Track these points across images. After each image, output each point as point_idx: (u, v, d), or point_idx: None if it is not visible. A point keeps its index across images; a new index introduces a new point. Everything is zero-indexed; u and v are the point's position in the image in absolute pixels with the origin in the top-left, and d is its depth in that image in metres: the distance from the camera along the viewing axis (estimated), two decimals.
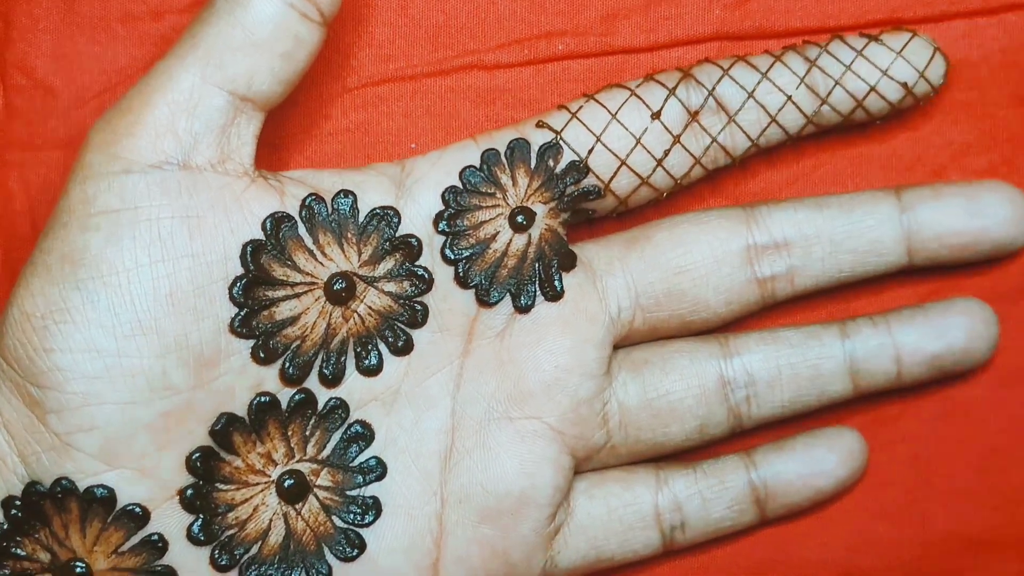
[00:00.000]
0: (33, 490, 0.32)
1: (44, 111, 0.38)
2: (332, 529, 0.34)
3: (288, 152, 0.39)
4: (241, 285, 0.33)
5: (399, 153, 0.39)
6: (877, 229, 0.37)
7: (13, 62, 0.38)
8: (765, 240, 0.37)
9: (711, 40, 0.39)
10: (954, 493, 0.40)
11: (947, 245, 0.37)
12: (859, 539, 0.40)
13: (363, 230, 0.35)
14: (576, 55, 0.39)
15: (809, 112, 0.37)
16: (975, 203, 0.37)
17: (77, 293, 0.32)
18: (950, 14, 0.40)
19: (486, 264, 0.36)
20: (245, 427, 0.34)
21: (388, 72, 0.39)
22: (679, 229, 0.37)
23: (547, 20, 0.39)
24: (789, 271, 0.37)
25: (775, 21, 0.39)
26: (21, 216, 0.38)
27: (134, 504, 0.33)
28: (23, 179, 0.38)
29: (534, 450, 0.35)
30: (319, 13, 0.34)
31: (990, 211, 0.37)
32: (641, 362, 0.37)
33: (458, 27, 0.39)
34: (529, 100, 0.39)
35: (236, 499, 0.34)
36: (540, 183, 0.36)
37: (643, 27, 0.39)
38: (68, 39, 0.38)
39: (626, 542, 0.37)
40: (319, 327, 0.34)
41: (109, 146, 0.33)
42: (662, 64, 0.39)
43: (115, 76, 0.38)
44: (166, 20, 0.38)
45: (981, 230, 0.37)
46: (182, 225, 0.33)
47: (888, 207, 0.37)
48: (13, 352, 0.32)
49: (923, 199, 0.37)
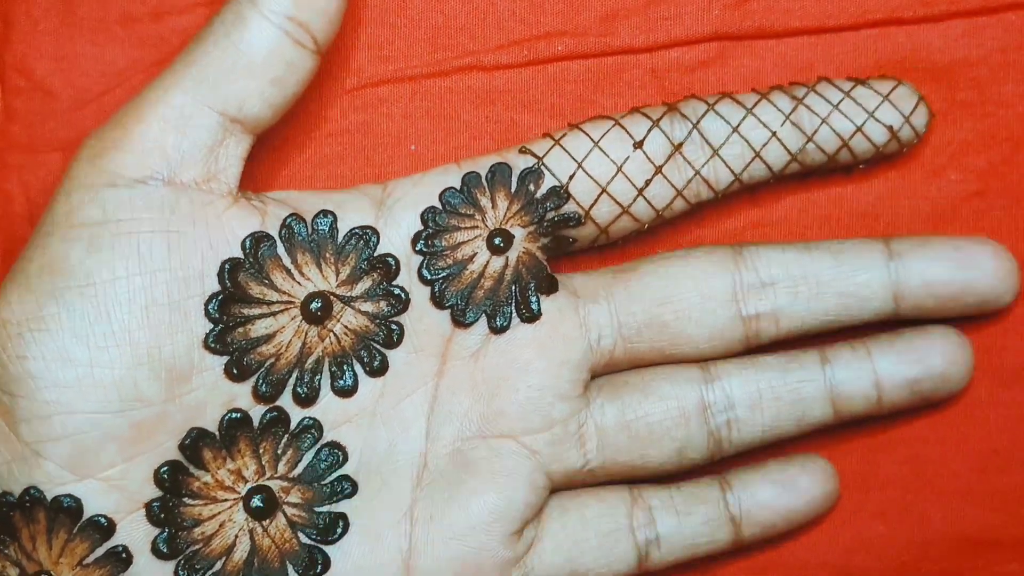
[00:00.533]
0: (4, 501, 0.32)
1: (43, 113, 0.38)
2: (297, 546, 0.34)
3: (287, 153, 0.39)
4: (217, 301, 0.33)
5: (399, 155, 0.39)
6: (865, 273, 0.37)
7: (12, 64, 0.38)
8: (752, 279, 0.37)
9: (710, 40, 0.39)
10: (953, 493, 0.40)
11: (934, 295, 0.37)
12: (858, 539, 0.40)
13: (341, 250, 0.35)
14: (575, 56, 0.39)
15: (794, 150, 0.37)
16: (963, 256, 0.37)
17: (54, 302, 0.32)
18: (950, 13, 0.39)
19: (462, 285, 0.36)
20: (215, 442, 0.34)
21: (387, 73, 0.39)
22: (666, 263, 0.37)
23: (546, 21, 0.39)
24: (774, 311, 0.37)
25: (775, 21, 0.39)
26: (20, 218, 0.38)
27: (100, 515, 0.33)
28: (22, 181, 0.38)
29: (506, 467, 0.35)
30: (313, 41, 0.34)
31: (977, 265, 0.37)
32: (621, 384, 0.37)
33: (457, 28, 0.39)
34: (528, 101, 0.39)
35: (203, 514, 0.34)
36: (520, 207, 0.36)
37: (642, 27, 0.39)
38: (67, 41, 0.38)
39: (600, 556, 0.36)
40: (294, 346, 0.34)
41: (97, 158, 0.33)
42: (662, 64, 0.39)
43: (114, 78, 0.38)
44: (165, 22, 0.38)
45: (968, 282, 0.37)
46: (162, 240, 0.33)
47: (877, 253, 0.37)
48: None
49: (912, 248, 0.37)
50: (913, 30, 0.39)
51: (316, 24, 0.34)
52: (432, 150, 0.39)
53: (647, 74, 0.39)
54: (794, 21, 0.39)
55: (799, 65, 0.39)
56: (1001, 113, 0.40)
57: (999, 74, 0.40)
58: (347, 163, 0.39)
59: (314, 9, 0.34)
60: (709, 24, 0.39)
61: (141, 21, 0.38)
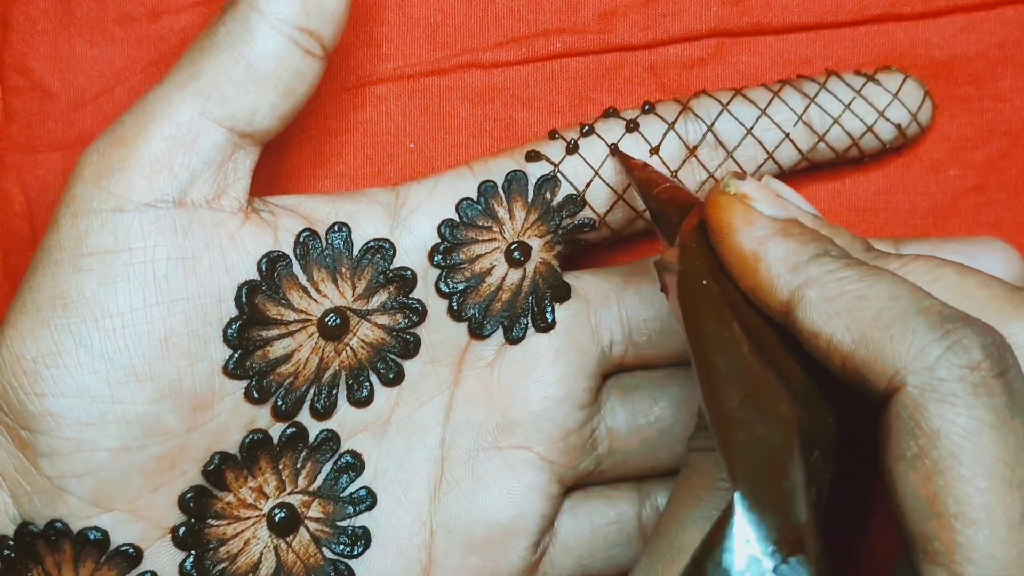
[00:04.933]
0: (26, 531, 0.32)
1: (42, 113, 0.38)
2: (322, 560, 0.34)
3: (287, 153, 0.39)
4: (236, 327, 0.33)
5: (398, 153, 0.39)
6: None
7: (11, 64, 0.38)
8: None
9: (709, 37, 0.39)
10: None
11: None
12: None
13: (357, 264, 0.34)
14: (574, 53, 0.39)
15: (805, 149, 0.37)
16: (972, 259, 0.37)
17: (69, 336, 0.31)
18: (948, 9, 0.40)
19: (480, 298, 0.36)
20: (237, 464, 0.33)
21: (386, 71, 0.39)
22: None
23: (545, 18, 0.39)
24: None
25: (773, 17, 0.39)
26: (20, 219, 0.38)
27: (127, 544, 0.32)
28: (21, 181, 0.38)
29: (523, 480, 0.35)
30: (321, 48, 0.33)
31: (988, 268, 0.37)
32: (631, 387, 0.37)
33: (456, 26, 0.39)
34: (527, 98, 0.39)
35: (227, 533, 0.33)
36: (537, 216, 0.36)
37: (641, 24, 0.39)
38: (66, 41, 0.38)
39: (611, 558, 0.37)
40: (312, 363, 0.34)
41: (101, 179, 0.32)
42: (660, 61, 0.39)
43: (113, 78, 0.38)
44: (164, 21, 0.38)
45: None
46: (177, 267, 0.32)
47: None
48: (3, 395, 0.31)
49: (921, 251, 0.37)
50: (911, 25, 0.40)
51: (325, 31, 0.33)
52: (431, 148, 0.39)
53: (646, 71, 0.39)
54: (792, 17, 0.39)
55: (797, 61, 0.39)
56: (999, 108, 0.40)
57: (997, 69, 0.40)
58: (346, 161, 0.39)
59: (323, 16, 0.33)
60: (708, 21, 0.39)
61: (139, 21, 0.38)
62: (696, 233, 0.29)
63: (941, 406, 0.25)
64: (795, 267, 0.28)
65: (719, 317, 0.28)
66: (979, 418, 0.25)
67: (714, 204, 0.29)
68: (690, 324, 0.27)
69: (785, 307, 0.28)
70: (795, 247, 0.28)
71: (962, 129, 0.40)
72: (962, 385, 0.25)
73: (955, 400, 0.25)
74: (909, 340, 0.25)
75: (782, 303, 0.28)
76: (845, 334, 0.26)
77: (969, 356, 0.25)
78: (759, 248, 0.28)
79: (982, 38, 0.40)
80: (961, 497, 0.24)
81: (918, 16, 0.39)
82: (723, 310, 0.28)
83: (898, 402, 0.25)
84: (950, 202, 0.40)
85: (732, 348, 0.27)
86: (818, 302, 0.27)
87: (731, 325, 0.27)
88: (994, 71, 0.40)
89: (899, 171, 0.40)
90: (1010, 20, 0.40)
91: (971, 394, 0.25)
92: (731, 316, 0.28)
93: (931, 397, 0.25)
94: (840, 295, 0.27)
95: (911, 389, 0.25)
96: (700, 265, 0.29)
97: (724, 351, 0.27)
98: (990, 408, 0.25)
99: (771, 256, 0.28)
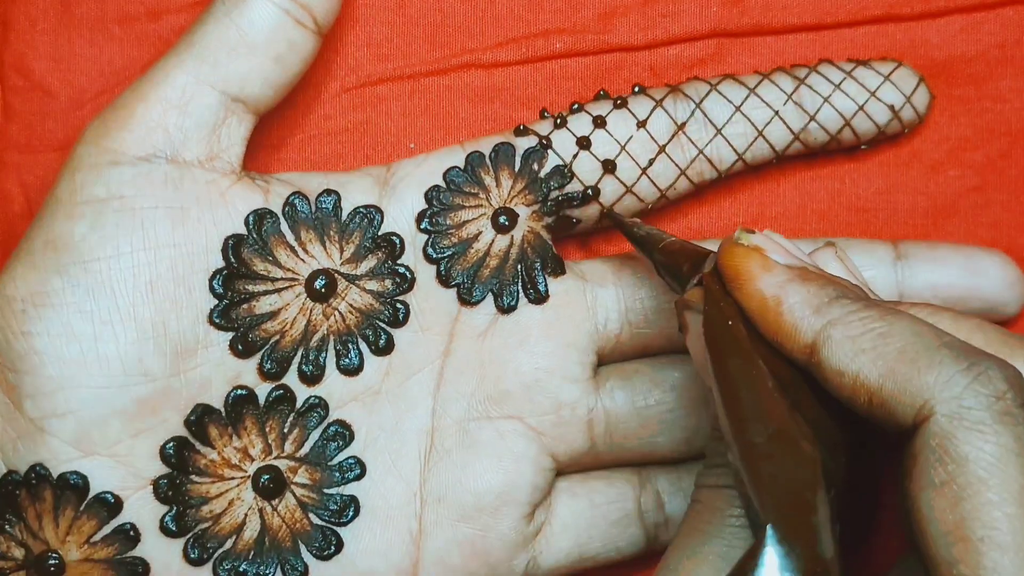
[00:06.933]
0: (9, 479, 0.32)
1: (42, 113, 0.38)
2: (309, 526, 0.34)
3: (287, 152, 0.39)
4: (221, 277, 0.34)
5: (398, 153, 0.39)
6: (870, 271, 0.37)
7: (11, 64, 0.38)
8: None
9: (709, 37, 0.39)
10: None
11: (939, 297, 0.37)
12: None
13: (345, 228, 0.35)
14: (574, 53, 0.39)
15: (796, 129, 0.37)
16: (970, 262, 0.37)
17: (58, 278, 0.32)
18: (947, 9, 0.40)
19: (468, 263, 0.36)
20: (221, 419, 0.34)
21: (386, 71, 0.39)
22: None
23: (544, 18, 0.39)
24: None
25: (773, 18, 0.39)
26: (20, 218, 0.38)
27: (107, 492, 0.33)
28: (21, 181, 0.38)
29: (513, 449, 0.35)
30: (313, 21, 0.35)
31: (984, 271, 0.37)
32: (632, 372, 0.37)
33: (455, 26, 0.39)
34: (527, 98, 0.39)
35: (211, 492, 0.34)
36: (524, 185, 0.36)
37: (640, 25, 0.39)
38: (66, 40, 0.38)
39: (610, 540, 0.37)
40: (299, 323, 0.34)
41: (100, 138, 0.34)
42: (660, 62, 0.39)
43: (113, 77, 0.38)
44: (163, 21, 0.38)
45: (973, 287, 0.37)
46: (166, 216, 0.33)
47: (884, 253, 0.37)
48: None
49: (919, 251, 0.38)
50: (910, 26, 0.40)
51: (316, 4, 0.34)
52: (431, 148, 0.39)
53: (646, 71, 0.39)
54: (792, 18, 0.39)
55: (797, 62, 0.39)
56: (999, 108, 0.40)
57: (996, 69, 0.40)
58: (346, 161, 0.39)
59: None
60: (707, 21, 0.39)
61: (139, 20, 0.38)
62: (715, 278, 0.30)
63: (969, 434, 0.26)
64: (817, 309, 0.28)
65: (745, 356, 0.28)
66: (1005, 445, 0.25)
67: (729, 253, 0.30)
68: (717, 361, 0.28)
69: (809, 348, 0.28)
70: (815, 290, 0.29)
71: (962, 129, 0.40)
72: (989, 413, 0.26)
73: (983, 428, 0.26)
74: (936, 371, 0.26)
75: (806, 345, 0.28)
76: (872, 369, 0.27)
77: (994, 386, 0.26)
78: (780, 292, 0.29)
79: (982, 38, 0.40)
80: (988, 521, 0.25)
81: (918, 17, 0.39)
82: (748, 350, 0.29)
83: (926, 431, 0.26)
84: (950, 202, 0.40)
85: (758, 386, 0.28)
86: (843, 341, 0.28)
87: (757, 363, 0.28)
88: (994, 71, 0.40)
89: (899, 171, 0.40)
90: (1010, 20, 0.40)
91: (998, 422, 0.26)
92: (756, 356, 0.28)
93: (959, 425, 0.26)
94: (864, 333, 0.27)
95: (940, 418, 0.26)
96: (724, 307, 0.29)
97: (751, 388, 0.28)
98: (1015, 436, 0.26)
99: (792, 300, 0.29)
